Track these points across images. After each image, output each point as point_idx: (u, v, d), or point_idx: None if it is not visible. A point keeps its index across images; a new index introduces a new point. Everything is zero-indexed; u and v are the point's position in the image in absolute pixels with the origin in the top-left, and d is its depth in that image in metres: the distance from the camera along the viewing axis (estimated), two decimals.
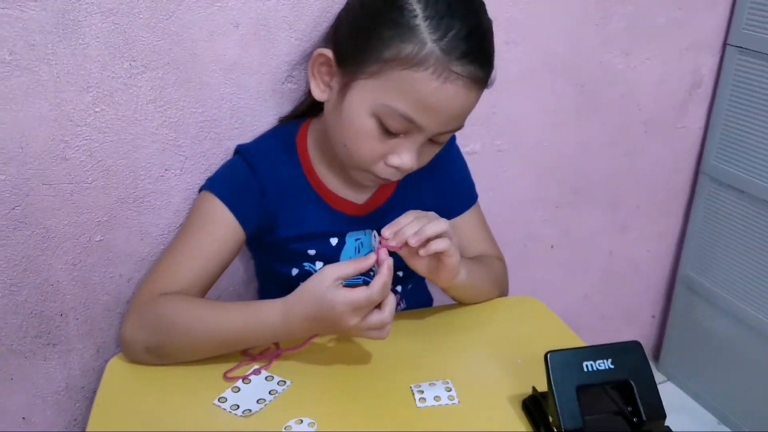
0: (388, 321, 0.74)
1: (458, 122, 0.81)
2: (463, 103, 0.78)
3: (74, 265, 0.95)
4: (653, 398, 0.67)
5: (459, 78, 0.75)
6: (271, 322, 0.76)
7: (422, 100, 0.75)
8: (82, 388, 1.03)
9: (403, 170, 0.82)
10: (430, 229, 0.77)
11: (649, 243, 1.48)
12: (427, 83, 0.74)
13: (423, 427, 0.71)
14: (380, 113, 0.77)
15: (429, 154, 0.85)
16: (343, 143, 0.82)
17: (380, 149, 0.80)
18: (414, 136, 0.79)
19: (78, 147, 0.89)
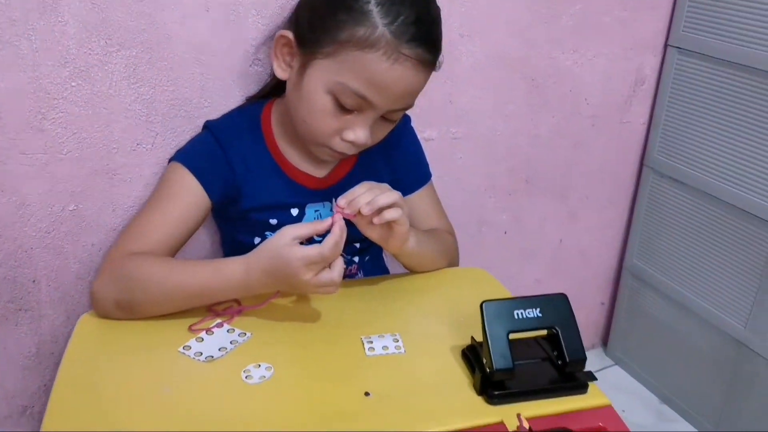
0: (337, 280, 0.80)
1: (408, 100, 0.89)
2: (412, 82, 0.86)
3: (48, 233, 1.00)
4: (576, 344, 0.75)
5: (407, 59, 0.83)
6: (234, 277, 0.82)
7: (373, 78, 0.83)
8: (52, 354, 1.08)
9: (357, 145, 0.90)
10: (382, 199, 0.85)
11: (597, 232, 1.56)
12: (378, 63, 0.82)
13: (371, 372, 0.78)
14: (335, 90, 0.85)
15: (382, 131, 0.93)
16: (303, 119, 0.90)
17: (336, 125, 0.88)
18: (367, 113, 0.87)
19: (54, 119, 0.95)
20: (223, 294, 0.85)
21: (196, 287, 0.83)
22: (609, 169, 1.49)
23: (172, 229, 0.91)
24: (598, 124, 1.43)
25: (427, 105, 1.23)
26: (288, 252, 0.78)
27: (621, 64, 1.39)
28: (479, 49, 1.23)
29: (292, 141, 0.97)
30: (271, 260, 0.80)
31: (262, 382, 0.75)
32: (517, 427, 0.68)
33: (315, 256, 0.78)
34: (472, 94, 1.27)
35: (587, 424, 0.71)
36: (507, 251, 1.47)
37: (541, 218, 1.48)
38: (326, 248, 0.78)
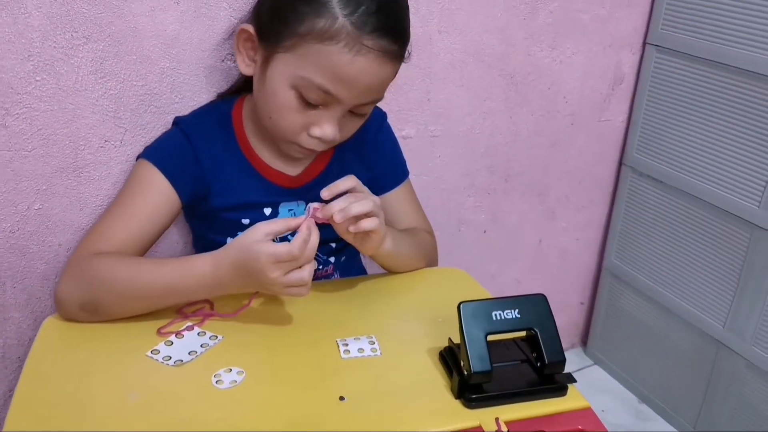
0: (307, 280, 0.77)
1: (375, 94, 0.86)
2: (377, 75, 0.83)
3: (12, 232, 0.97)
4: (555, 345, 0.73)
5: (370, 51, 0.80)
6: (202, 273, 0.79)
7: (336, 72, 0.80)
8: (18, 358, 1.04)
9: (325, 141, 0.87)
10: (355, 208, 0.82)
11: (577, 231, 1.56)
12: (339, 56, 0.79)
13: (346, 375, 0.76)
14: (298, 85, 0.82)
15: (352, 126, 0.90)
16: (268, 115, 0.88)
17: (302, 120, 0.85)
18: (333, 108, 0.84)
19: (18, 115, 0.91)
20: (191, 292, 0.82)
21: (163, 285, 0.81)
22: (588, 168, 1.49)
23: (139, 229, 0.88)
24: (577, 123, 1.42)
25: (404, 102, 1.22)
26: (257, 248, 0.76)
27: (599, 61, 1.39)
28: (458, 46, 1.22)
29: (264, 138, 0.94)
30: (239, 255, 0.77)
31: (233, 387, 0.73)
32: (495, 430, 0.66)
33: (283, 254, 0.75)
34: (450, 92, 1.25)
35: (567, 426, 0.70)
36: (486, 251, 1.46)
37: (521, 218, 1.46)
38: (295, 246, 0.76)
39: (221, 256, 0.79)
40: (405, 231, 1.01)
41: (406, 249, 0.97)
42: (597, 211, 1.56)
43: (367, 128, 1.01)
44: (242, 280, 0.79)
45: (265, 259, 0.75)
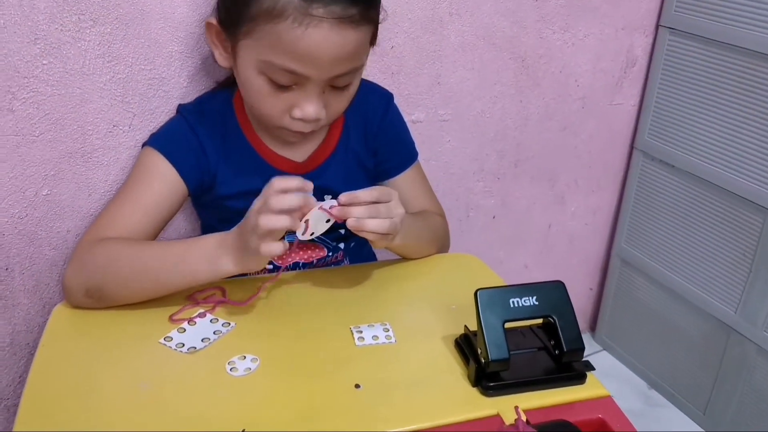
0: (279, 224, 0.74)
1: (348, 64, 0.81)
2: (338, 44, 0.78)
3: (20, 218, 0.95)
4: (573, 332, 0.72)
5: (322, 21, 0.75)
6: (205, 244, 0.79)
7: (293, 50, 0.77)
8: (27, 344, 1.04)
9: (309, 120, 0.84)
10: (371, 226, 0.79)
11: (586, 216, 1.54)
12: (290, 32, 0.76)
13: (361, 363, 0.75)
14: (264, 70, 0.80)
15: (339, 101, 0.86)
16: (251, 105, 0.87)
17: (281, 104, 0.83)
18: (307, 86, 0.81)
19: (25, 99, 0.90)
20: (190, 264, 0.79)
21: (165, 261, 0.80)
22: (598, 153, 1.47)
23: (145, 216, 0.87)
24: (588, 106, 1.40)
25: (414, 86, 1.20)
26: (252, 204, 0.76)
27: (612, 44, 1.36)
28: (468, 28, 1.20)
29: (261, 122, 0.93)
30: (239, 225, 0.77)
31: (248, 374, 0.72)
32: (514, 419, 0.66)
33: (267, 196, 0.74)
34: (460, 75, 1.23)
35: (586, 415, 0.69)
36: (495, 236, 1.45)
37: (530, 203, 1.45)
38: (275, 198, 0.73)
39: (228, 232, 0.79)
40: (416, 215, 1.00)
41: (419, 236, 0.96)
42: (607, 196, 1.54)
43: (373, 112, 0.99)
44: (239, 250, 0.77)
45: (254, 206, 0.75)
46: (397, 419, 0.67)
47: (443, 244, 1.03)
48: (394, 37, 1.13)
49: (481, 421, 0.67)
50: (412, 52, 1.17)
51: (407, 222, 0.92)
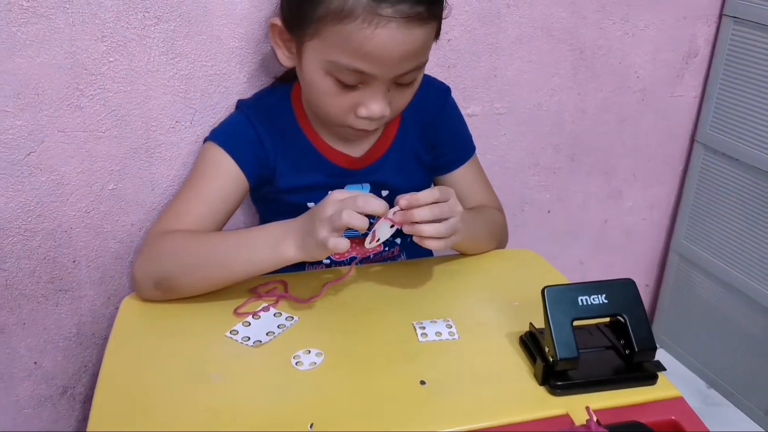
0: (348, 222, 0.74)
1: (413, 61, 0.81)
2: (406, 42, 0.78)
3: (87, 212, 0.98)
4: (645, 332, 0.71)
5: (390, 20, 0.75)
6: (268, 232, 0.81)
7: (361, 50, 0.77)
8: (93, 334, 1.06)
9: (374, 119, 0.84)
10: (428, 231, 0.79)
11: (644, 211, 1.51)
12: (359, 33, 0.76)
13: (425, 359, 0.74)
14: (331, 70, 0.80)
15: (402, 97, 0.86)
16: (315, 104, 0.87)
17: (346, 103, 0.83)
18: (373, 85, 0.81)
19: (92, 96, 0.92)
20: (253, 251, 0.80)
21: (227, 249, 0.81)
22: (657, 146, 1.43)
23: (209, 210, 0.89)
24: (648, 99, 1.36)
25: (470, 79, 1.19)
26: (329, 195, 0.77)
27: (673, 34, 1.32)
28: (526, 20, 1.18)
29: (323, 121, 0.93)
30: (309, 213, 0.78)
31: (313, 368, 0.73)
32: (586, 420, 0.64)
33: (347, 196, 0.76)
34: (517, 68, 1.21)
35: (658, 416, 0.67)
36: (549, 231, 1.43)
37: (586, 197, 1.42)
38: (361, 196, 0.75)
39: (292, 220, 0.80)
40: (475, 210, 0.99)
41: (478, 232, 0.95)
42: (666, 189, 1.50)
43: (430, 106, 0.98)
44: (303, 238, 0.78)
45: (333, 197, 0.76)
46: (464, 416, 0.66)
47: (502, 240, 1.02)
48: (451, 30, 1.12)
49: (550, 421, 0.66)
50: (469, 44, 1.15)
51: (466, 218, 0.91)
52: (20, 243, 0.96)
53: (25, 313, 1.01)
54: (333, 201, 0.76)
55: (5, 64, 0.86)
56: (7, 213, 0.93)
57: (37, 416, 1.08)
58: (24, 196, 0.93)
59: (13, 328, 1.01)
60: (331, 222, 0.74)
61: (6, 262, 0.96)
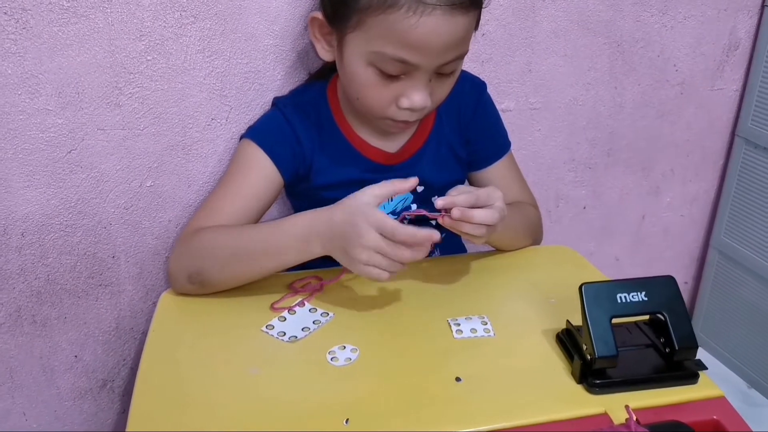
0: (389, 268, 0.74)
1: (456, 50, 0.81)
2: (450, 31, 0.77)
3: (126, 209, 1.00)
4: (686, 330, 0.69)
5: (435, 8, 0.75)
6: (295, 229, 0.80)
7: (406, 39, 0.77)
8: (131, 329, 1.08)
9: (416, 110, 0.84)
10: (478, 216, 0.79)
11: (683, 207, 1.48)
12: (404, 22, 0.75)
13: (460, 356, 0.74)
14: (374, 61, 0.80)
15: (443, 88, 0.86)
16: (355, 96, 0.86)
17: (388, 94, 0.83)
18: (415, 75, 0.81)
19: (131, 94, 0.93)
20: (281, 248, 0.81)
21: (255, 243, 0.82)
22: (697, 140, 1.40)
23: (244, 206, 0.89)
24: (687, 92, 1.33)
25: (504, 74, 1.17)
26: (366, 210, 0.74)
27: (713, 26, 1.29)
28: (562, 13, 1.16)
29: (359, 116, 0.93)
30: (342, 213, 0.77)
31: (348, 364, 0.73)
32: (625, 419, 0.63)
33: (387, 228, 0.73)
34: (552, 62, 1.20)
35: (700, 416, 0.66)
36: (585, 227, 1.41)
37: (623, 193, 1.40)
38: (401, 230, 0.73)
39: (321, 213, 0.79)
40: (511, 206, 0.97)
41: (515, 227, 0.94)
42: (705, 185, 1.47)
43: (466, 101, 0.98)
44: (331, 242, 0.77)
45: (371, 222, 0.73)
46: (501, 414, 0.66)
47: (537, 236, 1.01)
48: (486, 24, 1.11)
49: (588, 420, 0.66)
50: (503, 39, 1.14)
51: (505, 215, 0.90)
52: (61, 239, 0.98)
53: (66, 308, 1.03)
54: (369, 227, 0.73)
55: (47, 64, 0.88)
56: (49, 209, 0.95)
57: (78, 408, 1.11)
58: (65, 192, 0.95)
59: (55, 322, 1.03)
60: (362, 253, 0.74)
61: (48, 257, 0.98)
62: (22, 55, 0.86)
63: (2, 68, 0.86)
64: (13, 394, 1.05)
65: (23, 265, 0.97)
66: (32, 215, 0.95)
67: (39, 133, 0.91)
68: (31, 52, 0.87)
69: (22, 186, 0.93)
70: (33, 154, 0.92)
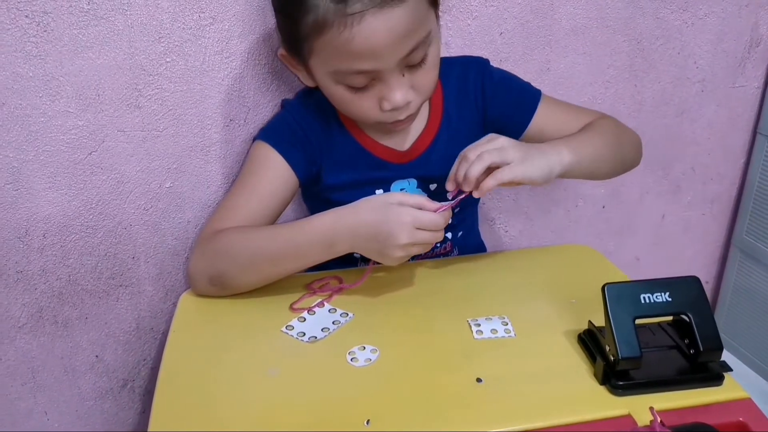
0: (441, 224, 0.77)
1: (411, 41, 0.78)
2: (390, 27, 0.75)
3: (145, 210, 1.00)
4: (710, 331, 0.68)
5: (363, 15, 0.73)
6: (318, 230, 0.80)
7: (350, 52, 0.76)
8: (151, 329, 1.09)
9: (400, 107, 0.82)
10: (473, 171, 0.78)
11: (704, 206, 1.46)
12: (340, 38, 0.75)
13: (481, 357, 0.74)
14: (338, 79, 0.81)
15: (424, 76, 0.83)
16: (345, 112, 0.88)
17: (369, 102, 0.83)
18: (385, 77, 0.80)
19: (150, 96, 0.94)
20: (304, 251, 0.81)
21: (277, 245, 0.82)
22: (718, 138, 1.38)
23: (260, 206, 0.90)
24: (708, 89, 1.32)
25: (522, 73, 1.16)
26: (399, 209, 0.75)
27: (735, 22, 1.27)
28: (581, 11, 1.15)
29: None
30: (373, 212, 0.77)
31: (368, 365, 0.73)
32: (650, 421, 0.63)
33: (427, 222, 0.75)
34: (571, 60, 1.19)
35: (725, 418, 0.65)
36: (604, 227, 1.39)
37: (642, 192, 1.38)
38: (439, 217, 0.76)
39: (344, 214, 0.79)
40: (579, 132, 0.94)
41: (594, 146, 0.89)
42: (726, 183, 1.45)
43: (475, 85, 0.97)
44: (358, 241, 0.78)
45: (408, 220, 0.75)
46: (522, 416, 0.65)
47: (629, 139, 0.99)
48: (503, 23, 1.10)
49: (611, 421, 0.65)
50: (521, 38, 1.13)
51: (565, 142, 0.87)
52: (82, 240, 0.99)
53: (87, 308, 1.04)
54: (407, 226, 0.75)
55: (67, 66, 0.88)
56: (70, 211, 0.96)
57: (99, 408, 1.11)
58: (86, 194, 0.96)
59: (76, 322, 1.04)
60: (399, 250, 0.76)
61: (69, 258, 0.99)
62: (43, 58, 0.87)
63: (24, 71, 0.87)
64: (35, 393, 1.06)
65: (45, 265, 0.98)
66: (54, 216, 0.96)
67: (60, 135, 0.92)
68: (52, 55, 0.87)
69: (44, 188, 0.94)
70: (54, 156, 0.92)
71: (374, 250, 0.79)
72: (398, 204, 0.76)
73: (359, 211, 0.78)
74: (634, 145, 1.00)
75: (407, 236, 0.75)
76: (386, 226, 0.75)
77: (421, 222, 0.75)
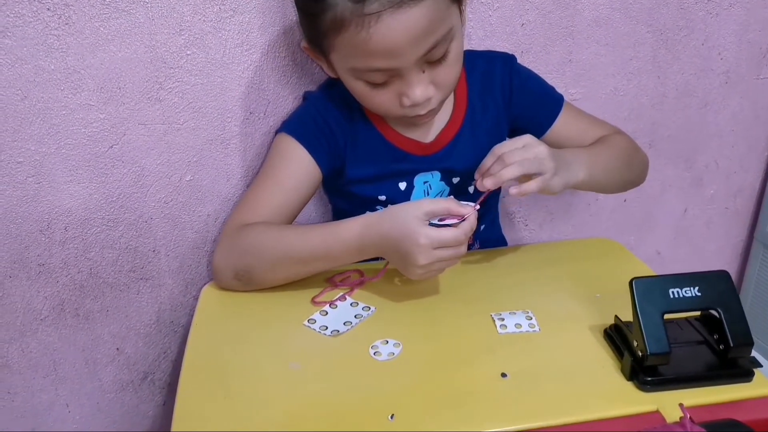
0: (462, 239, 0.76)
1: (430, 39, 0.77)
2: (408, 27, 0.74)
3: (166, 203, 1.00)
4: (741, 326, 0.67)
5: (381, 15, 0.73)
6: (349, 236, 0.79)
7: (368, 51, 0.76)
8: (171, 322, 1.09)
9: (421, 103, 0.82)
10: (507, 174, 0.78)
11: (727, 200, 1.44)
12: (358, 37, 0.75)
13: (505, 351, 0.73)
14: (357, 75, 0.81)
15: (445, 72, 0.82)
16: (365, 105, 0.88)
17: (389, 97, 0.82)
18: (404, 74, 0.79)
19: (171, 89, 0.94)
20: (335, 256, 0.81)
21: (310, 249, 0.81)
22: (742, 131, 1.36)
23: (284, 199, 0.89)
24: (732, 81, 1.30)
25: (543, 65, 1.15)
26: (418, 228, 0.74)
27: (761, 12, 1.25)
28: (603, 1, 1.13)
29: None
30: (393, 228, 0.76)
31: (391, 359, 0.72)
32: (679, 417, 0.62)
33: (448, 240, 0.74)
34: (593, 51, 1.17)
35: (756, 415, 0.64)
36: (625, 220, 1.38)
37: (664, 185, 1.37)
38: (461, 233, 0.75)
39: (370, 223, 0.79)
40: (593, 145, 0.95)
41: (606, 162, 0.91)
42: (750, 177, 1.43)
43: (499, 80, 0.96)
44: (386, 251, 0.78)
45: (425, 242, 0.74)
46: (549, 411, 0.64)
47: (639, 160, 1.00)
48: (525, 13, 1.09)
49: (640, 417, 0.64)
50: (543, 29, 1.12)
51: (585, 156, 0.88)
52: (104, 233, 0.99)
53: (108, 301, 1.04)
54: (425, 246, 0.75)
55: (89, 59, 0.88)
56: (92, 204, 0.96)
57: (119, 400, 1.12)
58: (107, 187, 0.96)
59: (97, 315, 1.04)
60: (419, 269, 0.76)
61: (90, 251, 0.99)
62: (65, 51, 0.87)
63: (45, 64, 0.87)
64: (57, 386, 1.07)
65: (66, 258, 0.99)
66: (75, 210, 0.96)
67: (81, 128, 0.92)
68: (74, 48, 0.87)
69: (65, 181, 0.94)
70: (76, 149, 0.93)
71: (398, 264, 0.79)
72: (423, 216, 0.75)
73: (384, 223, 0.78)
74: (643, 166, 1.01)
75: (425, 258, 0.75)
76: (405, 245, 0.75)
77: (440, 241, 0.74)
